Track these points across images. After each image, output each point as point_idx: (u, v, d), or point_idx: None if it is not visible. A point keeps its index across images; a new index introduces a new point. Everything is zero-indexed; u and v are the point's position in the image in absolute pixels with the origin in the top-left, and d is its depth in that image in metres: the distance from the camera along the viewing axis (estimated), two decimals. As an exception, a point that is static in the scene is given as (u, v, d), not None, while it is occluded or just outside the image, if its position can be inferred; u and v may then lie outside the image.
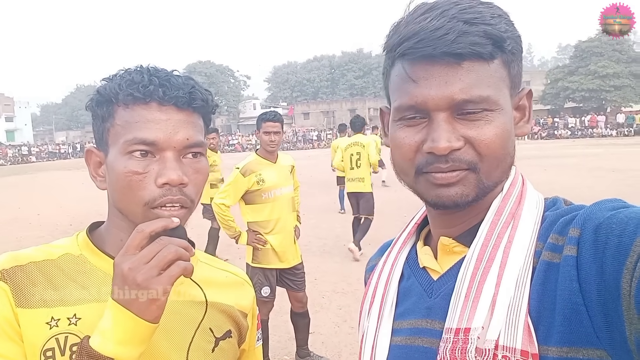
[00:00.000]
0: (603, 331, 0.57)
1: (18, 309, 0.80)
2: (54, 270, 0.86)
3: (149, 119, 0.82)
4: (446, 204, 0.71)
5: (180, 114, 0.84)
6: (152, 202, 0.81)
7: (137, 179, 0.81)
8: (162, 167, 0.82)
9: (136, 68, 0.87)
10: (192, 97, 0.85)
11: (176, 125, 0.83)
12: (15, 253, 0.87)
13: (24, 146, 50.74)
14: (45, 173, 26.98)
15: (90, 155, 0.90)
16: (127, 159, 0.82)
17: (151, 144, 0.81)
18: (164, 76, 0.84)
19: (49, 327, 0.81)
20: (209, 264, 1.04)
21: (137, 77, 0.83)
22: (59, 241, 0.93)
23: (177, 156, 0.83)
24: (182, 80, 0.86)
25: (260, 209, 3.63)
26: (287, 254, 3.73)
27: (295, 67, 71.77)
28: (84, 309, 0.83)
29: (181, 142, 0.83)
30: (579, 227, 0.62)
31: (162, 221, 0.76)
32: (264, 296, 3.64)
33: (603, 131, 36.41)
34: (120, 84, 0.83)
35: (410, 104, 0.70)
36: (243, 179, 3.57)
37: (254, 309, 1.07)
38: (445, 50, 0.65)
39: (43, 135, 75.57)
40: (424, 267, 0.79)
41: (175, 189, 0.82)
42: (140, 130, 0.81)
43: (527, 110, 0.76)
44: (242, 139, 50.36)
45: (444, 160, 0.68)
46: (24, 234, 9.25)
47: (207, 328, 0.93)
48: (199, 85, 0.88)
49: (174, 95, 0.83)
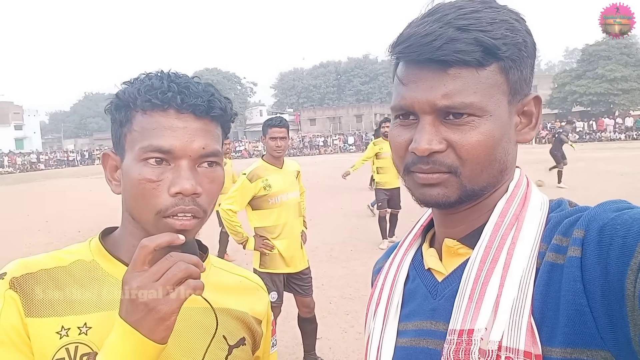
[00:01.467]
0: (607, 332, 0.57)
1: (28, 319, 0.79)
2: (65, 277, 0.85)
3: (166, 126, 0.81)
4: (429, 203, 0.73)
5: (198, 122, 0.83)
6: (164, 211, 0.80)
7: (150, 187, 0.80)
8: (176, 175, 0.80)
9: (157, 73, 0.86)
10: (211, 106, 0.83)
11: (193, 133, 0.82)
12: (26, 260, 0.86)
13: (32, 154, 51.17)
14: (54, 180, 27.15)
15: (107, 159, 0.90)
16: (142, 165, 0.81)
17: (167, 152, 0.80)
18: (183, 83, 0.83)
19: (59, 337, 0.79)
20: (224, 269, 1.03)
21: (157, 83, 0.82)
22: (71, 247, 0.92)
23: (192, 165, 0.82)
24: (202, 87, 0.85)
25: (267, 214, 3.67)
26: (294, 258, 3.74)
27: (302, 74, 71.93)
28: (94, 318, 0.82)
29: (197, 151, 0.82)
30: (584, 228, 0.62)
31: (167, 236, 0.75)
32: (272, 301, 3.63)
33: (611, 135, 36.15)
34: (140, 89, 0.83)
35: (401, 105, 0.73)
36: (250, 184, 3.61)
37: (268, 315, 1.06)
38: (429, 56, 0.67)
39: (52, 143, 76.07)
40: (429, 269, 0.80)
41: (188, 198, 0.80)
42: (157, 137, 0.80)
43: (533, 117, 0.75)
44: (249, 145, 50.50)
45: (425, 162, 0.70)
46: (32, 240, 9.31)
47: (221, 336, 0.91)
48: (219, 94, 0.87)
49: (192, 102, 0.81)
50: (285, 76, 72.10)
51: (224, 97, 0.88)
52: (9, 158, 47.86)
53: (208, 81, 0.91)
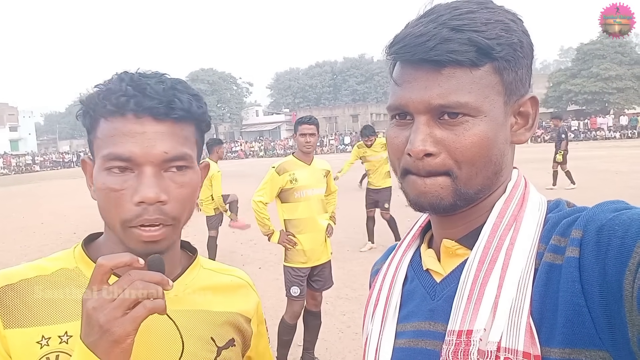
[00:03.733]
0: (605, 332, 0.57)
1: (7, 330, 0.78)
2: (46, 286, 0.83)
3: (124, 132, 0.77)
4: (424, 206, 0.72)
5: (159, 125, 0.79)
6: (129, 221, 0.77)
7: (114, 196, 0.78)
8: (138, 183, 0.77)
9: (120, 75, 0.82)
10: (171, 107, 0.79)
11: (153, 138, 0.78)
12: (7, 271, 0.84)
13: (27, 155, 50.98)
14: (49, 182, 27.07)
15: (85, 165, 0.88)
16: (105, 174, 0.79)
17: (127, 160, 0.77)
18: (141, 84, 0.78)
19: (39, 347, 0.78)
20: (213, 270, 1.02)
21: (115, 87, 0.79)
22: (56, 254, 0.91)
23: (156, 171, 0.78)
24: (163, 88, 0.79)
25: (293, 207, 3.86)
26: (315, 252, 3.89)
27: (297, 74, 71.94)
28: (75, 326, 0.78)
29: (159, 156, 0.78)
30: (582, 229, 0.62)
31: (126, 257, 0.70)
32: (294, 296, 3.82)
33: (606, 133, 36.32)
34: (99, 94, 0.80)
35: (396, 104, 0.73)
36: (278, 177, 3.82)
37: (258, 313, 1.05)
38: (423, 57, 0.67)
39: (47, 144, 75.89)
40: (427, 270, 0.79)
41: (152, 207, 0.77)
42: (115, 144, 0.77)
43: (530, 117, 0.75)
44: (245, 145, 50.45)
45: (420, 164, 0.70)
46: (28, 242, 9.27)
47: (209, 337, 0.90)
48: (185, 93, 0.82)
49: (149, 105, 0.77)
50: (281, 76, 72.12)
51: (191, 95, 0.83)
52: (4, 160, 47.72)
53: (204, 81, 0.89)
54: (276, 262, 6.49)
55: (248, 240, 8.31)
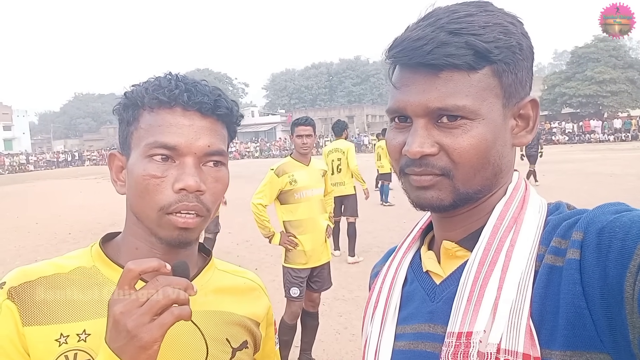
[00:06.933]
0: (606, 335, 0.57)
1: (26, 328, 0.79)
2: (64, 284, 0.84)
3: (172, 123, 0.82)
4: (424, 205, 0.73)
5: (204, 120, 0.84)
6: (168, 207, 0.80)
7: (154, 183, 0.81)
8: (180, 172, 0.81)
9: (165, 74, 0.87)
10: (217, 105, 0.85)
11: (198, 131, 0.83)
12: (25, 268, 0.85)
13: (22, 155, 50.69)
14: (44, 182, 26.92)
15: (113, 159, 0.90)
16: (147, 162, 0.82)
17: (172, 149, 0.81)
18: (190, 82, 0.85)
19: (58, 344, 0.79)
20: (227, 272, 1.03)
21: (164, 82, 0.84)
22: (73, 252, 0.92)
23: (196, 163, 0.83)
24: (209, 88, 0.87)
25: (293, 208, 3.86)
26: (316, 252, 3.90)
27: (293, 75, 71.99)
28: (93, 324, 0.81)
29: (202, 149, 0.83)
30: (582, 231, 0.62)
31: (154, 262, 0.71)
32: (293, 296, 3.82)
33: (600, 136, 36.50)
34: (147, 88, 0.84)
35: (395, 108, 0.73)
36: (277, 179, 3.82)
37: (268, 318, 1.06)
38: (420, 60, 0.68)
39: (41, 143, 75.45)
40: (427, 271, 0.79)
41: (192, 195, 0.81)
42: (163, 134, 0.81)
43: (530, 120, 0.75)
44: (240, 146, 50.35)
45: (417, 164, 0.71)
46: (22, 242, 9.20)
47: (224, 339, 0.91)
48: (226, 95, 0.88)
49: (199, 100, 0.83)
50: (277, 77, 72.20)
51: (232, 100, 0.90)
52: (-2, 159, 47.37)
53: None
54: (272, 263, 6.49)
55: (244, 241, 8.30)
